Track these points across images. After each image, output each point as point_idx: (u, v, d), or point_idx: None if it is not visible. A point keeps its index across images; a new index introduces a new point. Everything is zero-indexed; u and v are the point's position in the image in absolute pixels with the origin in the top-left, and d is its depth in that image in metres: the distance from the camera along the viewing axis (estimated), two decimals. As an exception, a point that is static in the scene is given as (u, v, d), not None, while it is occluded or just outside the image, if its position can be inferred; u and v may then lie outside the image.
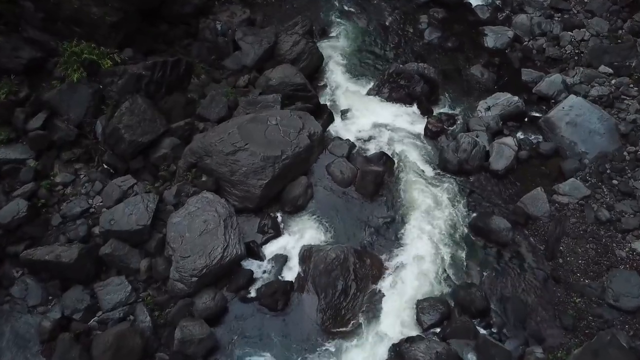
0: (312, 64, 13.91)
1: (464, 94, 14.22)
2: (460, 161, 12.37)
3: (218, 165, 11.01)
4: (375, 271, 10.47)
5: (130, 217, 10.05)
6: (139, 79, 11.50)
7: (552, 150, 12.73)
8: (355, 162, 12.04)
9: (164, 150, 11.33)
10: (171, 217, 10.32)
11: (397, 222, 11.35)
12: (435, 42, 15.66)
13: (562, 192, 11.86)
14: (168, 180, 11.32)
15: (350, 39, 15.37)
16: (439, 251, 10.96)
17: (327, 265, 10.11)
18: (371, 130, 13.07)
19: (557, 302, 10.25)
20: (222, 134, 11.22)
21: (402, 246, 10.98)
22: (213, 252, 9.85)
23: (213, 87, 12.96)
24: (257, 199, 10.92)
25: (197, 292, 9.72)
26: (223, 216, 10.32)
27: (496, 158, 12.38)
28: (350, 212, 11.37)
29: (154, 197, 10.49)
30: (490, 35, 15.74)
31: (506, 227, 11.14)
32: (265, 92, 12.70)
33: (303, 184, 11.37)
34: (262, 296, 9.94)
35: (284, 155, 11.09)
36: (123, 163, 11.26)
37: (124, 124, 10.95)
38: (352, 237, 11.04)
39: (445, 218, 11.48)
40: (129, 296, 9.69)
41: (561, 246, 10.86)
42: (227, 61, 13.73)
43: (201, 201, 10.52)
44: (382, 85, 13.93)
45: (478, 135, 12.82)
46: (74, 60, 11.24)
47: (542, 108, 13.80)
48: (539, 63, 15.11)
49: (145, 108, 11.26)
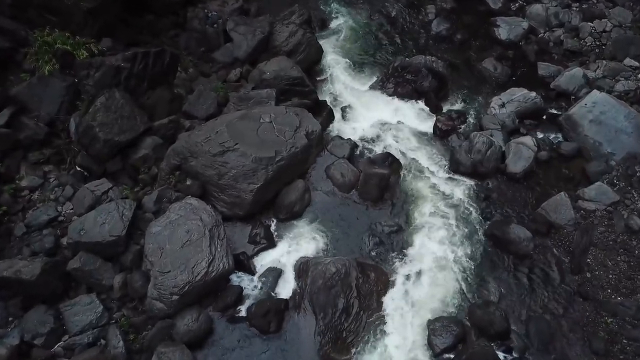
0: (310, 57, 13.35)
1: (476, 90, 13.70)
2: (474, 163, 11.60)
3: (204, 167, 10.32)
4: (380, 287, 9.76)
5: (102, 226, 9.17)
6: (117, 71, 10.64)
7: (574, 151, 12.09)
8: (357, 164, 11.44)
9: (144, 150, 10.56)
10: (150, 227, 9.53)
11: (404, 230, 10.67)
12: (444, 34, 15.18)
13: (587, 197, 11.11)
14: (149, 184, 10.58)
15: (351, 30, 14.88)
16: (451, 264, 10.26)
17: (327, 280, 9.45)
18: (375, 128, 12.45)
19: (585, 323, 9.54)
20: (209, 133, 10.54)
21: (411, 258, 10.28)
22: (197, 267, 9.08)
23: (201, 82, 12.33)
24: (248, 205, 10.24)
25: (179, 313, 8.94)
26: (208, 225, 9.52)
27: (513, 159, 11.65)
28: (352, 219, 10.70)
29: (130, 203, 9.64)
30: (502, 26, 15.22)
31: (526, 236, 10.41)
32: (258, 87, 12.11)
33: (300, 188, 10.72)
34: (253, 316, 9.23)
35: (279, 156, 10.44)
36: (98, 165, 10.46)
37: (98, 122, 10.13)
38: (355, 248, 10.34)
39: (458, 226, 10.82)
40: (100, 317, 8.80)
41: (588, 258, 10.17)
42: (217, 53, 13.13)
43: (184, 208, 9.73)
44: (387, 80, 13.45)
45: (492, 135, 12.14)
46: (46, 51, 10.55)
47: (562, 105, 13.40)
48: (557, 56, 14.68)
49: (123, 104, 10.49)
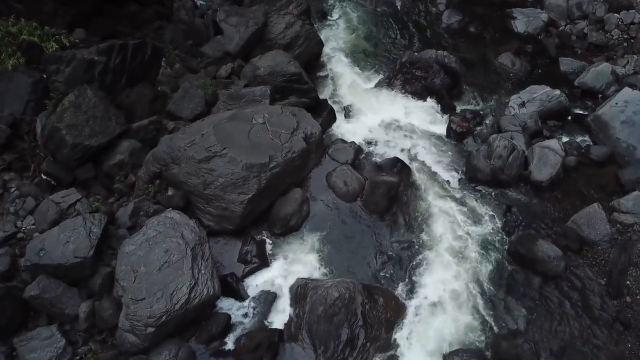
0: (309, 51, 12.83)
1: (492, 87, 13.04)
2: (493, 170, 10.52)
3: (188, 175, 9.36)
4: (390, 314, 8.72)
5: (66, 245, 7.98)
6: (90, 66, 9.86)
7: (605, 156, 11.17)
8: (362, 171, 10.64)
9: (120, 156, 9.65)
10: (123, 245, 8.38)
11: (416, 247, 9.64)
12: (456, 27, 14.72)
13: (624, 209, 10.02)
14: (125, 194, 9.63)
15: (355, 22, 14.43)
16: (471, 287, 9.18)
17: (328, 307, 8.39)
18: (381, 130, 11.67)
19: (628, 355, 8.51)
20: (193, 136, 9.63)
21: (424, 280, 9.23)
22: (176, 293, 7.92)
23: (188, 78, 11.59)
24: (238, 219, 9.35)
25: (155, 347, 7.83)
26: (191, 243, 8.39)
27: (538, 166, 10.60)
28: (356, 234, 9.77)
29: (100, 218, 8.47)
30: (520, 18, 14.81)
31: (556, 254, 9.31)
32: (251, 84, 11.47)
33: (297, 198, 9.87)
34: (242, 350, 8.09)
35: (273, 162, 9.64)
36: (67, 173, 9.45)
37: (66, 123, 9.18)
38: (360, 268, 9.34)
39: (477, 243, 9.74)
40: (61, 353, 7.56)
41: (628, 280, 9.10)
42: (206, 47, 12.56)
43: (164, 223, 8.59)
44: (394, 77, 12.78)
45: (513, 137, 11.14)
46: (9, 43, 9.72)
47: (588, 104, 12.73)
48: (580, 51, 14.27)
49: (96, 102, 9.56)
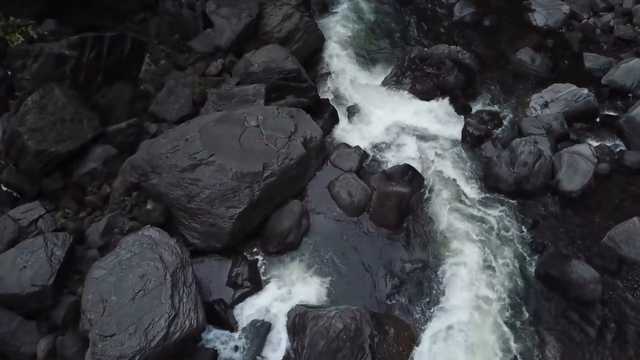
0: (308, 46, 12.29)
1: (511, 86, 12.26)
2: (517, 179, 9.62)
3: (169, 186, 8.59)
4: (402, 346, 7.83)
5: (23, 271, 7.07)
6: (60, 61, 9.16)
7: None
8: (369, 180, 9.96)
9: (92, 164, 8.96)
10: (92, 269, 7.39)
11: (430, 268, 8.89)
12: (469, 20, 13.97)
13: None
14: (98, 207, 8.85)
15: (358, 14, 13.86)
16: (494, 314, 8.32)
17: (331, 341, 7.48)
18: (389, 134, 11.00)
19: None
20: (177, 141, 8.94)
21: (441, 306, 8.45)
22: (152, 327, 6.91)
23: (175, 76, 11.01)
24: (227, 236, 8.62)
25: None
26: (171, 267, 7.39)
27: (568, 174, 9.67)
28: (363, 253, 9.02)
29: (64, 238, 7.53)
30: (539, 10, 14.14)
31: (592, 277, 8.35)
32: (244, 82, 10.91)
33: (295, 212, 9.23)
34: None
35: (268, 170, 8.98)
36: (32, 183, 8.69)
37: (28, 126, 8.48)
38: (367, 293, 8.56)
39: (500, 262, 8.91)
40: None
41: None
42: (194, 41, 11.97)
43: (140, 243, 7.62)
44: (402, 74, 12.02)
45: (537, 142, 10.23)
46: None
47: (618, 104, 11.87)
48: (606, 46, 13.57)
49: (64, 103, 8.82)
